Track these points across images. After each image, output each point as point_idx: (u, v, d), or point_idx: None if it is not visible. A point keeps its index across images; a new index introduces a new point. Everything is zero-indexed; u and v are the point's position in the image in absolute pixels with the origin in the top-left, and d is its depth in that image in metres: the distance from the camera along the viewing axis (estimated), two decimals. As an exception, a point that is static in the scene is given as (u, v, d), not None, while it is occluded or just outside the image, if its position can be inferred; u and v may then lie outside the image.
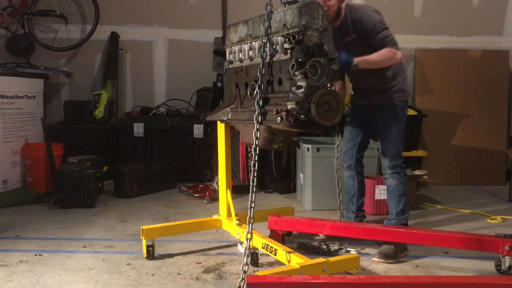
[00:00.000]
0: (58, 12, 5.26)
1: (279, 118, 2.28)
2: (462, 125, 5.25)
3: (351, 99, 3.37)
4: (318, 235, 3.28)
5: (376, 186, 3.94)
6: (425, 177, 4.34)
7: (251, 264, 2.70)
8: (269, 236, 3.00)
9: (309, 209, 4.07)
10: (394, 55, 2.98)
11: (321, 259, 2.39)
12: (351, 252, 3.01)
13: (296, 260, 2.41)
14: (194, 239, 3.23)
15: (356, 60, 2.89)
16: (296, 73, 2.23)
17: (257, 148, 2.31)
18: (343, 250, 3.05)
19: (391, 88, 3.10)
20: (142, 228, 2.88)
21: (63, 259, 2.87)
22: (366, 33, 2.97)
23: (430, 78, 5.30)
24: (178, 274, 2.66)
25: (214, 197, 4.23)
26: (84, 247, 3.09)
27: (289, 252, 2.49)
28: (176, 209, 4.05)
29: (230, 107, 2.84)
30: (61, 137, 4.78)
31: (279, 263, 2.66)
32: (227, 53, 2.92)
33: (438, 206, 4.15)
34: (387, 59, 2.98)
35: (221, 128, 3.07)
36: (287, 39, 2.28)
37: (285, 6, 2.40)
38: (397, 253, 2.92)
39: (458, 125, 5.25)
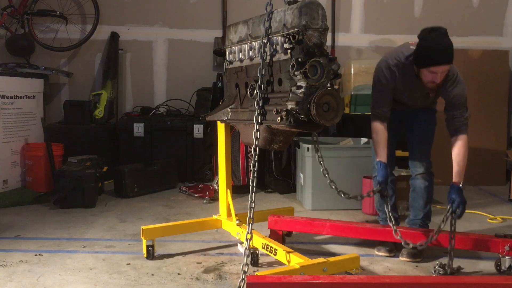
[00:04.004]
0: (58, 12, 5.27)
1: (279, 118, 2.28)
2: (462, 125, 5.24)
3: None
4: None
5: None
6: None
7: (251, 264, 2.70)
8: (269, 236, 3.00)
9: (309, 209, 4.07)
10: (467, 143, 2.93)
11: (321, 259, 2.38)
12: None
13: (296, 260, 2.40)
14: (194, 239, 3.22)
15: (461, 184, 2.77)
16: (296, 73, 2.22)
17: (257, 148, 2.30)
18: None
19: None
20: (142, 228, 2.88)
21: (63, 259, 2.87)
22: (450, 103, 2.85)
23: (430, 78, 5.30)
24: (178, 274, 2.66)
25: (214, 197, 4.22)
26: (84, 247, 3.09)
27: (289, 252, 2.49)
28: (176, 209, 4.05)
29: (230, 107, 2.84)
30: (61, 137, 4.79)
31: (279, 263, 2.66)
32: (227, 53, 2.92)
33: (438, 206, 4.14)
34: (466, 152, 2.94)
35: (221, 128, 3.07)
36: (287, 39, 2.27)
37: (289, 5, 2.38)
38: (421, 252, 2.92)
39: (458, 125, 5.24)
